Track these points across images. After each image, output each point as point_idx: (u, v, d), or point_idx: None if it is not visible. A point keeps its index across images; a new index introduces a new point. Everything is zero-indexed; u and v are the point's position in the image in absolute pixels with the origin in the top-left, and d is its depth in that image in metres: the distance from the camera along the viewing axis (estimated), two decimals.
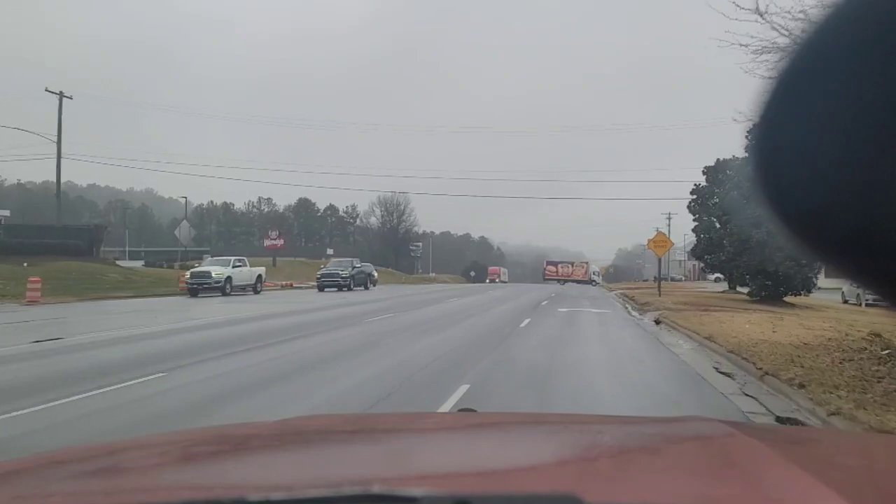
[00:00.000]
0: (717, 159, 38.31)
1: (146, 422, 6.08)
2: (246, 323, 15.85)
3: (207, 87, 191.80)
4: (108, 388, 7.47)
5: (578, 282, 78.86)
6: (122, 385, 7.71)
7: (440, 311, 21.21)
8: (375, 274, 54.11)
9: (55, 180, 41.24)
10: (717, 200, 36.22)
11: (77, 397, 7.02)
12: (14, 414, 6.25)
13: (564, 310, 22.79)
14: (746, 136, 0.55)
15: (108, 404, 6.78)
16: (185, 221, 43.17)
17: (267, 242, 74.22)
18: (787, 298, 29.68)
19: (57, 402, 6.74)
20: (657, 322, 18.15)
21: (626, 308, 26.30)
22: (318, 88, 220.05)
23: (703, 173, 39.15)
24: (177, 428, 4.97)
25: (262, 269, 34.68)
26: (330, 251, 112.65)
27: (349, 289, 36.82)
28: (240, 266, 32.03)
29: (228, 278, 30.47)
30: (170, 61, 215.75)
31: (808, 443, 1.48)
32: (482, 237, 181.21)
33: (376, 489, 0.71)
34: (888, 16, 0.45)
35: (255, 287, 33.09)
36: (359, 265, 40.46)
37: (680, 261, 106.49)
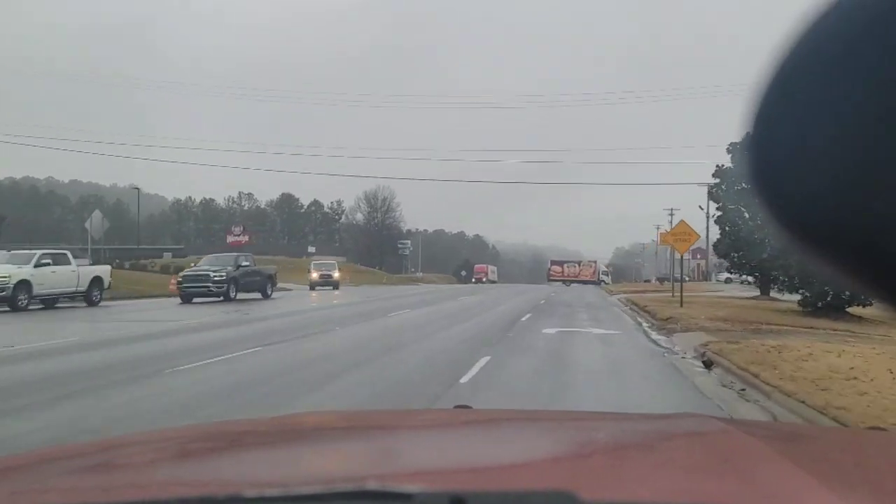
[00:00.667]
0: (747, 133, 30.70)
1: None
2: None
3: (190, 75, 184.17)
4: None
5: (585, 282, 71.69)
6: None
7: (356, 337, 13.69)
8: (335, 274, 46.03)
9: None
10: (749, 186, 28.62)
11: None
12: None
13: (553, 331, 15.22)
14: (741, 138, 0.52)
15: None
16: (97, 211, 35.47)
17: (230, 238, 66.84)
18: (851, 309, 22.26)
19: None
20: (706, 363, 10.57)
21: (641, 325, 18.78)
22: (302, 79, 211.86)
23: (728, 152, 31.48)
24: None
25: (101, 270, 24.62)
26: (312, 249, 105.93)
27: (227, 298, 25.23)
28: (47, 265, 21.18)
29: (22, 284, 20.11)
30: (152, 49, 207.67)
31: (802, 439, 1.46)
32: (477, 235, 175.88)
33: (371, 486, 0.72)
34: (886, 11, 0.44)
35: (90, 296, 22.88)
36: (247, 263, 28.35)
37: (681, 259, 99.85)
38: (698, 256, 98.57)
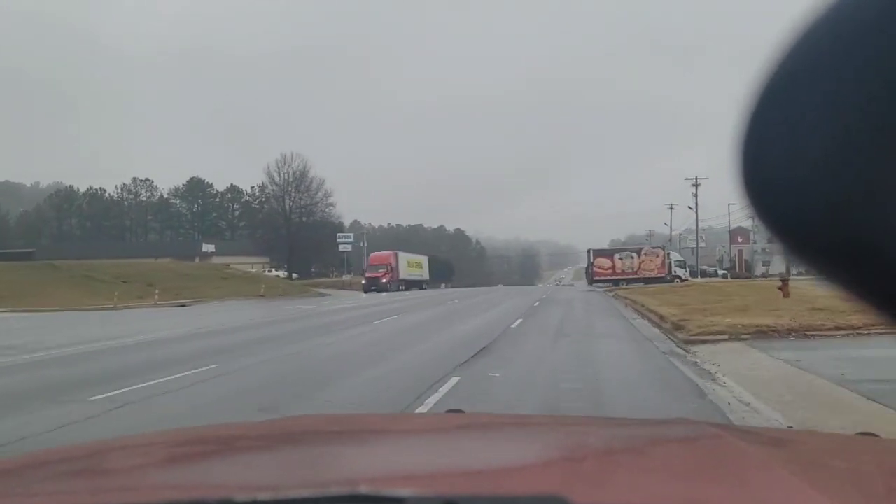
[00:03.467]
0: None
1: None
2: None
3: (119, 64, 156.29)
4: None
5: (649, 280, 47.02)
6: None
7: None
8: None
9: None
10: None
11: None
12: None
13: None
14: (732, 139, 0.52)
15: None
16: None
17: None
18: None
19: None
20: None
21: None
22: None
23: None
24: None
25: None
26: (209, 248, 78.00)
27: None
28: None
29: None
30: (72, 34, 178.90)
31: (794, 445, 1.46)
32: (458, 229, 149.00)
33: (363, 489, 0.73)
34: (879, 17, 0.44)
35: None
36: None
37: (699, 247, 70.94)
38: (739, 240, 66.55)
